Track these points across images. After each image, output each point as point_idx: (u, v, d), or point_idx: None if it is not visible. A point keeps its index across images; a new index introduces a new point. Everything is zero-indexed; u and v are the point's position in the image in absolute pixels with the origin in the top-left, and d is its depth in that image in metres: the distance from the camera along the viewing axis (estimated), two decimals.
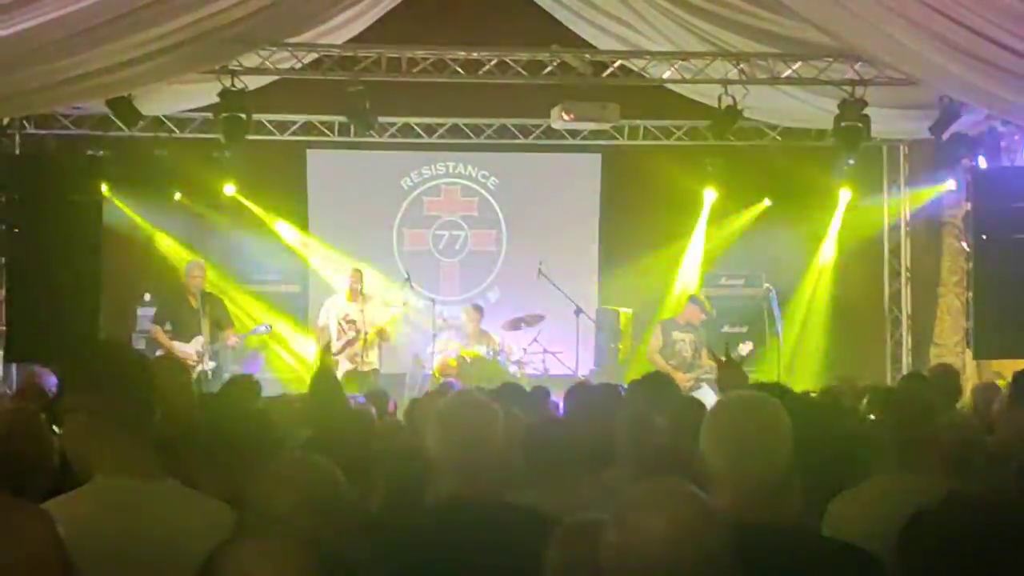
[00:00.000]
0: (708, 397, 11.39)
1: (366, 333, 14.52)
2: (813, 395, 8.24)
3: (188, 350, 13.85)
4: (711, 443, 3.65)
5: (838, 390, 9.20)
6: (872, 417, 5.38)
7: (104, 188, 14.51)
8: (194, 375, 13.53)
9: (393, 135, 16.37)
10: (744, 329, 16.16)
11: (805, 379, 14.53)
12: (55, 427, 3.90)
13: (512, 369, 14.98)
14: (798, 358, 15.80)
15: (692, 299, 15.18)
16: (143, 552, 3.29)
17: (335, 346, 14.36)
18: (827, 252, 16.93)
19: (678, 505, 2.83)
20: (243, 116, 13.52)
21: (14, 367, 13.79)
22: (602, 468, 5.02)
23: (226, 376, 13.41)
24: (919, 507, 3.19)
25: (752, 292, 16.25)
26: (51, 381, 9.15)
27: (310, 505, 3.11)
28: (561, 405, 7.21)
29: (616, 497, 2.95)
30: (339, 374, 13.71)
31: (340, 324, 14.69)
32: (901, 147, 17.03)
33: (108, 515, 3.36)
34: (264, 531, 2.23)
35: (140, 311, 15.52)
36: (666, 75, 14.40)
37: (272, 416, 4.63)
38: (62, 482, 3.66)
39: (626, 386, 7.68)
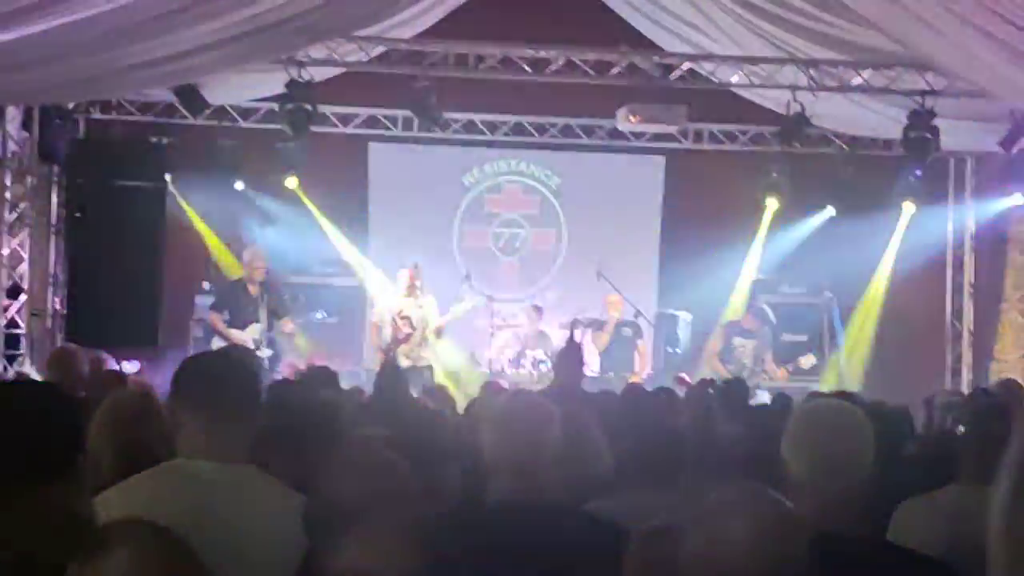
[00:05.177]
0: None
1: (422, 330, 14.26)
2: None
3: (244, 338, 13.79)
4: (794, 450, 3.57)
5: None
6: (961, 429, 5.28)
7: (167, 176, 14.55)
8: None
9: (456, 131, 16.32)
10: (804, 338, 15.92)
11: (864, 391, 14.35)
12: None
13: None
14: (858, 369, 15.61)
15: (755, 309, 14.96)
16: (212, 527, 3.31)
17: (387, 343, 14.21)
18: (889, 264, 16.71)
19: (760, 510, 2.80)
20: (309, 108, 13.55)
21: None
22: (672, 475, 4.88)
23: (282, 364, 13.44)
24: None
25: (813, 301, 16.05)
26: (113, 364, 9.19)
27: (375, 494, 3.07)
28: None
29: (695, 503, 2.91)
30: None
31: (395, 320, 14.39)
32: (968, 160, 16.85)
33: (179, 491, 3.45)
34: (366, 525, 2.19)
35: (198, 299, 15.50)
36: (734, 79, 14.30)
37: (342, 409, 4.59)
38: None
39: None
